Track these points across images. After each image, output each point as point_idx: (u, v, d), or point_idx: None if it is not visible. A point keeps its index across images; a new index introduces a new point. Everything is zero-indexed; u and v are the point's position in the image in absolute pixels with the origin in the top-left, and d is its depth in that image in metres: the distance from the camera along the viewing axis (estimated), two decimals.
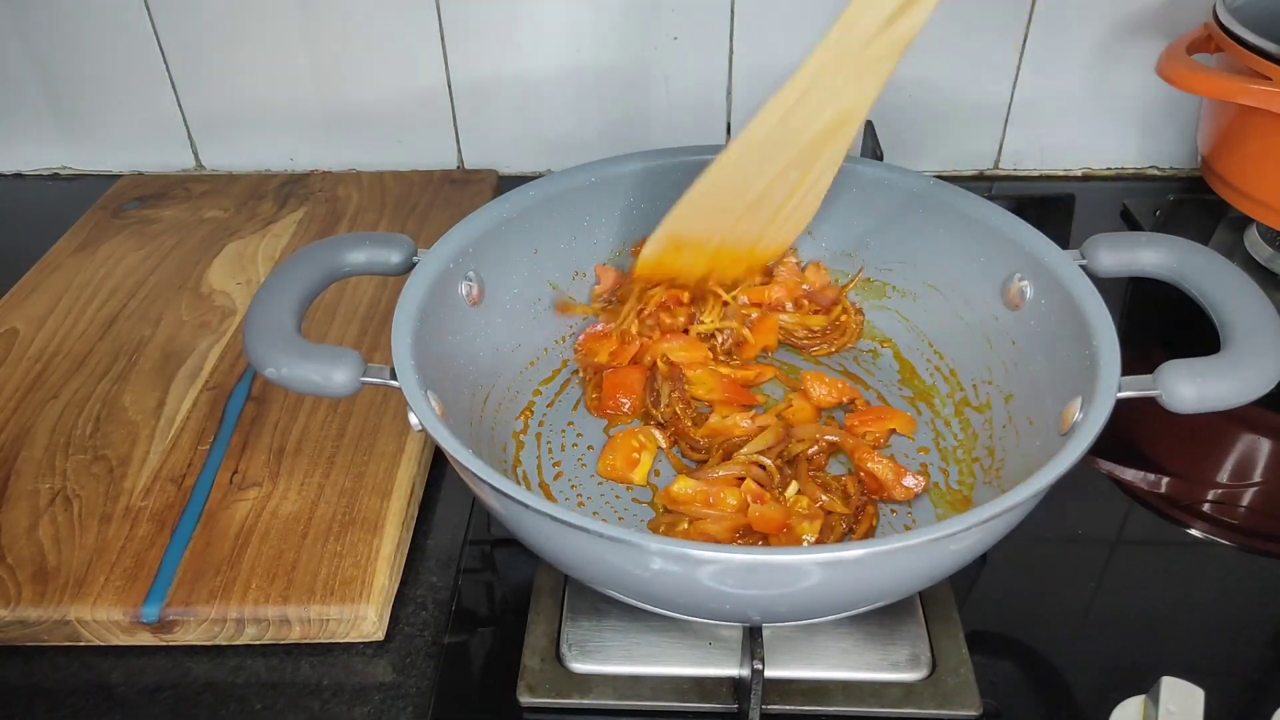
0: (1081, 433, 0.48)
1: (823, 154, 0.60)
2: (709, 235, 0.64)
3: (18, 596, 0.56)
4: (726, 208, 0.63)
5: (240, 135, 1.00)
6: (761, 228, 0.65)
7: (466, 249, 0.63)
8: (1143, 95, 0.95)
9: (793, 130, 0.58)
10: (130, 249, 0.87)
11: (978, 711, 0.52)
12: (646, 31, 0.92)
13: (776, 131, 0.58)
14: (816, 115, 0.57)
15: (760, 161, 0.60)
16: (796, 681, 0.53)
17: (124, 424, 0.68)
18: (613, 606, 0.56)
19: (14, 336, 0.77)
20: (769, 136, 0.58)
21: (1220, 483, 0.67)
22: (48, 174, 1.05)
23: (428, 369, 0.54)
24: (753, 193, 0.62)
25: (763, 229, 0.65)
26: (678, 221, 0.63)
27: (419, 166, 1.00)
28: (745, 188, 0.61)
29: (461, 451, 0.48)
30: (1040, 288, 0.60)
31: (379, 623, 0.57)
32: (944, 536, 0.43)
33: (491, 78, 0.96)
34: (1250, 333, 0.52)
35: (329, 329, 0.76)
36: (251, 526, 0.60)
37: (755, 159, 0.59)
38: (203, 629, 0.56)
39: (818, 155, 0.60)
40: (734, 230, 0.64)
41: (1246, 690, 0.54)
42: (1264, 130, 0.74)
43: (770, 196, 0.62)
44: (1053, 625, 0.58)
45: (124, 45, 0.95)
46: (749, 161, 0.60)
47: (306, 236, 0.89)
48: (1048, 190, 0.98)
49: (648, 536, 0.43)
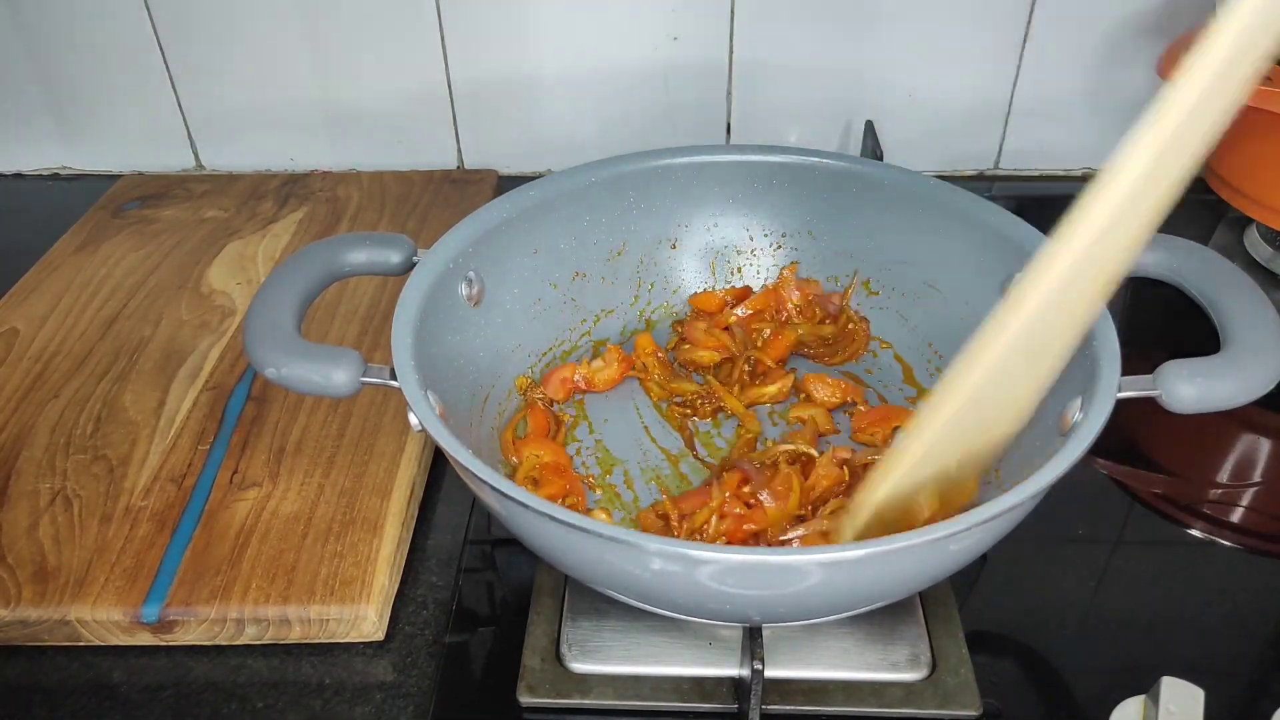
0: (1081, 433, 0.48)
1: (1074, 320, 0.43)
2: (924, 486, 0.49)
3: (18, 596, 0.56)
4: (950, 454, 0.48)
5: (240, 135, 1.00)
6: (981, 447, 0.49)
7: (466, 249, 0.63)
8: (1143, 95, 0.95)
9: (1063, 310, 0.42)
10: (130, 249, 0.87)
11: (978, 711, 0.52)
12: (646, 31, 0.92)
13: (1044, 318, 0.42)
14: (1094, 275, 0.41)
15: (1005, 381, 0.44)
16: (796, 681, 0.53)
17: (124, 424, 0.68)
18: (613, 606, 0.56)
19: (14, 336, 0.77)
20: (1020, 342, 0.42)
21: (1220, 483, 0.67)
22: (48, 174, 1.05)
23: (428, 369, 0.54)
24: (983, 422, 0.46)
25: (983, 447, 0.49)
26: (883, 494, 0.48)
27: (419, 166, 1.00)
28: (978, 422, 0.46)
29: (461, 451, 0.48)
30: None
31: (379, 623, 0.57)
32: (944, 536, 0.43)
33: (491, 78, 0.96)
34: (1250, 333, 0.52)
35: (329, 329, 0.76)
36: (252, 526, 0.60)
37: (999, 383, 0.44)
38: (203, 629, 0.56)
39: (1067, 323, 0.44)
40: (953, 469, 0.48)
41: (1246, 690, 0.54)
42: (1264, 130, 0.74)
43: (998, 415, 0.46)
44: (1053, 625, 0.58)
45: (124, 45, 0.95)
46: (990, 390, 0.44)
47: (307, 236, 0.89)
48: (1048, 190, 0.98)
49: (648, 537, 0.43)
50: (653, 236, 0.73)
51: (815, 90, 0.95)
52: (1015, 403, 0.47)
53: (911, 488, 0.48)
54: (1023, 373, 0.45)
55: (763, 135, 0.98)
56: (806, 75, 0.94)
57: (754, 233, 0.74)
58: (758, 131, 0.98)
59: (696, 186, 0.72)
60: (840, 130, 0.98)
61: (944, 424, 0.46)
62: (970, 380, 0.44)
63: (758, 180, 0.72)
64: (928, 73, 0.94)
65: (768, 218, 0.74)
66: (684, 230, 0.74)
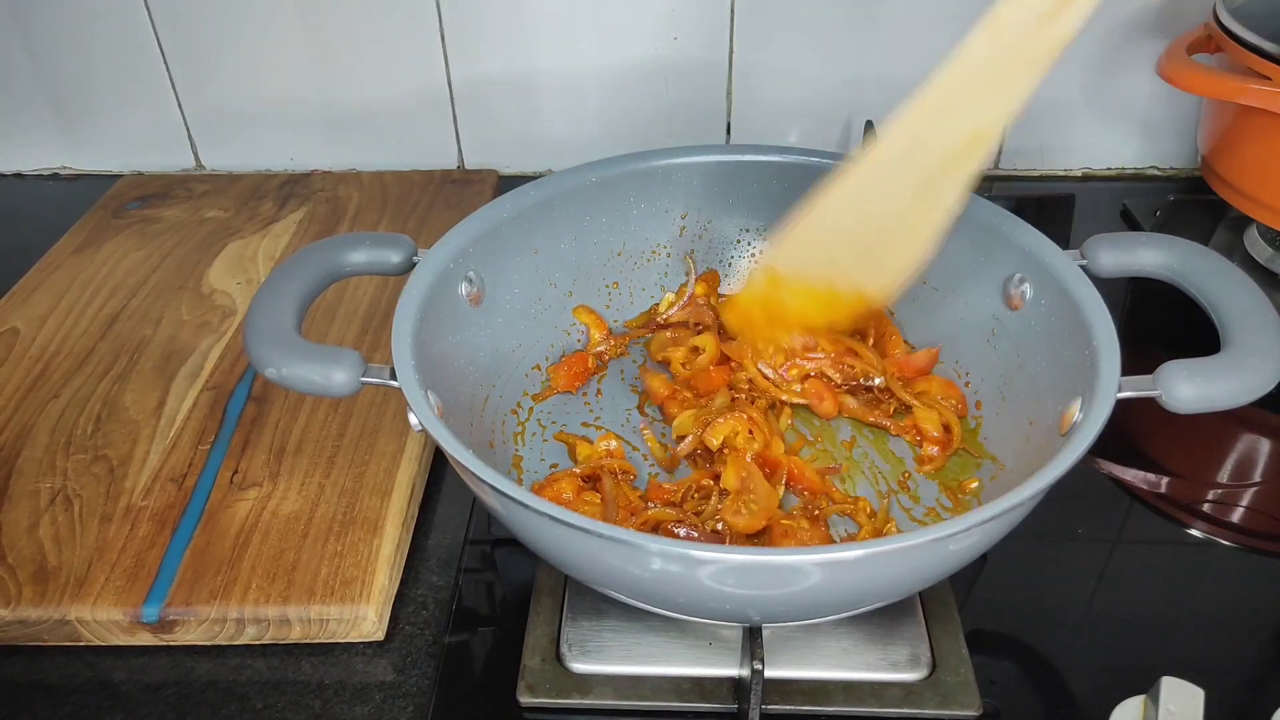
0: (1081, 433, 0.48)
1: (952, 178, 0.51)
2: (813, 274, 0.57)
3: (18, 596, 0.56)
4: (837, 242, 0.55)
5: (240, 135, 1.00)
6: (873, 266, 0.56)
7: (466, 249, 0.63)
8: (1143, 95, 0.95)
9: (924, 150, 0.50)
10: (131, 249, 0.87)
11: (978, 711, 0.52)
12: (646, 31, 0.92)
13: (905, 152, 0.51)
14: (953, 132, 0.50)
15: (882, 188, 0.52)
16: (796, 681, 0.53)
17: (125, 423, 0.68)
18: (613, 606, 0.56)
19: (15, 336, 0.77)
20: (896, 158, 0.51)
21: (1220, 483, 0.67)
22: (48, 174, 1.05)
23: (428, 369, 0.54)
24: (869, 225, 0.54)
25: (874, 267, 0.56)
26: (781, 255, 0.57)
27: (419, 166, 1.00)
28: (861, 219, 0.54)
29: (461, 451, 0.48)
30: (1040, 288, 0.60)
31: (379, 623, 0.57)
32: (944, 536, 0.43)
33: (491, 78, 0.96)
34: (1250, 333, 0.52)
35: (329, 329, 0.76)
36: (252, 526, 0.60)
37: (877, 185, 0.52)
38: (203, 629, 0.56)
39: (947, 179, 0.52)
40: (842, 268, 0.56)
41: (1246, 690, 0.54)
42: (1264, 130, 0.74)
43: (887, 229, 0.54)
44: (1053, 625, 0.58)
45: (124, 45, 0.95)
46: (869, 188, 0.53)
47: (307, 236, 0.89)
48: (1048, 190, 0.98)
49: (648, 537, 0.43)
50: (652, 236, 0.73)
51: (815, 90, 0.95)
52: (903, 225, 0.54)
53: (803, 260, 0.56)
54: (904, 197, 0.52)
55: (763, 135, 0.98)
56: (806, 75, 0.94)
57: (754, 233, 0.74)
58: (758, 131, 0.98)
59: (696, 186, 0.72)
60: (840, 130, 0.98)
61: (832, 204, 0.54)
62: (851, 178, 0.53)
63: (758, 180, 0.72)
64: (928, 73, 0.94)
65: (767, 218, 0.74)
66: (684, 230, 0.74)
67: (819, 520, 0.59)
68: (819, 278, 0.57)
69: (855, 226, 0.54)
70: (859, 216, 0.54)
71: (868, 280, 0.57)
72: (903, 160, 0.51)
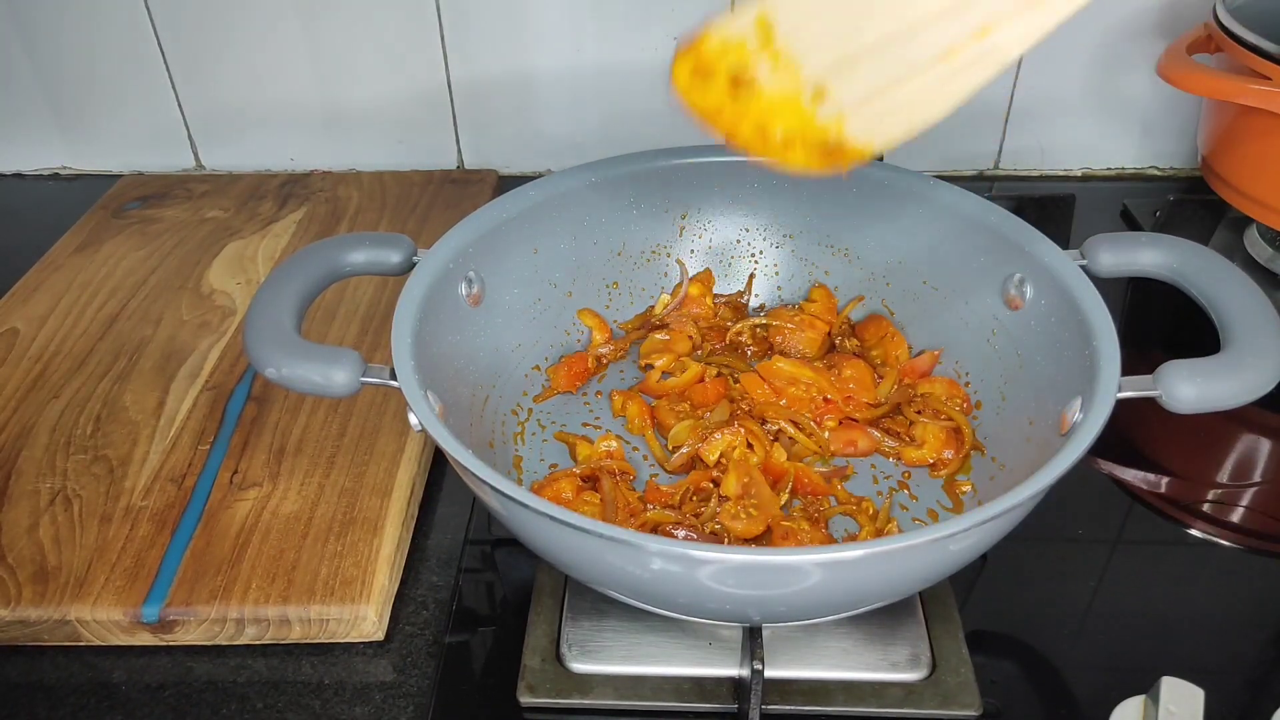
0: (1081, 433, 0.48)
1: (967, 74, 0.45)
2: (806, 54, 0.46)
3: (18, 596, 0.56)
4: (852, 26, 0.45)
5: (240, 135, 1.00)
6: (872, 91, 0.46)
7: (466, 249, 0.63)
8: (1143, 95, 0.95)
9: (962, 22, 0.43)
10: (131, 249, 0.87)
11: (978, 711, 0.52)
12: (646, 31, 0.92)
13: (953, 8, 0.43)
14: (980, 17, 0.43)
15: (922, 25, 0.44)
16: (796, 681, 0.53)
17: (124, 424, 0.68)
18: (613, 606, 0.56)
19: (15, 336, 0.77)
20: (945, 9, 0.43)
21: (1220, 483, 0.67)
22: (48, 174, 1.05)
23: (428, 369, 0.54)
24: (896, 22, 0.44)
25: (872, 94, 0.46)
26: (784, 6, 0.45)
27: (419, 166, 1.00)
28: (894, 11, 0.44)
29: (461, 451, 0.48)
30: (1040, 288, 0.60)
31: (379, 623, 0.57)
32: (944, 536, 0.43)
33: (491, 78, 0.96)
34: (1250, 333, 0.52)
35: (329, 329, 0.76)
36: (252, 526, 0.60)
37: (920, 14, 0.44)
38: (203, 629, 0.56)
39: (965, 69, 0.45)
40: (839, 68, 0.46)
41: (1246, 690, 0.54)
42: (1264, 130, 0.74)
43: (911, 45, 0.45)
44: (1053, 625, 0.58)
45: (124, 45, 0.95)
46: (915, 11, 0.44)
47: (307, 236, 0.89)
48: (1048, 190, 0.98)
49: (648, 537, 0.43)
50: (652, 236, 0.73)
51: None
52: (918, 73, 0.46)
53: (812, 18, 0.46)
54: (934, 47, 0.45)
55: None
56: None
57: (754, 233, 0.74)
58: None
59: (696, 186, 0.72)
60: None
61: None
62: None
63: (758, 180, 0.72)
64: None
65: (767, 218, 0.74)
66: (683, 230, 0.74)
67: (819, 522, 0.59)
68: (806, 62, 0.46)
69: (881, 35, 0.45)
70: (893, 27, 0.44)
71: (859, 104, 0.47)
72: (948, 14, 0.44)
